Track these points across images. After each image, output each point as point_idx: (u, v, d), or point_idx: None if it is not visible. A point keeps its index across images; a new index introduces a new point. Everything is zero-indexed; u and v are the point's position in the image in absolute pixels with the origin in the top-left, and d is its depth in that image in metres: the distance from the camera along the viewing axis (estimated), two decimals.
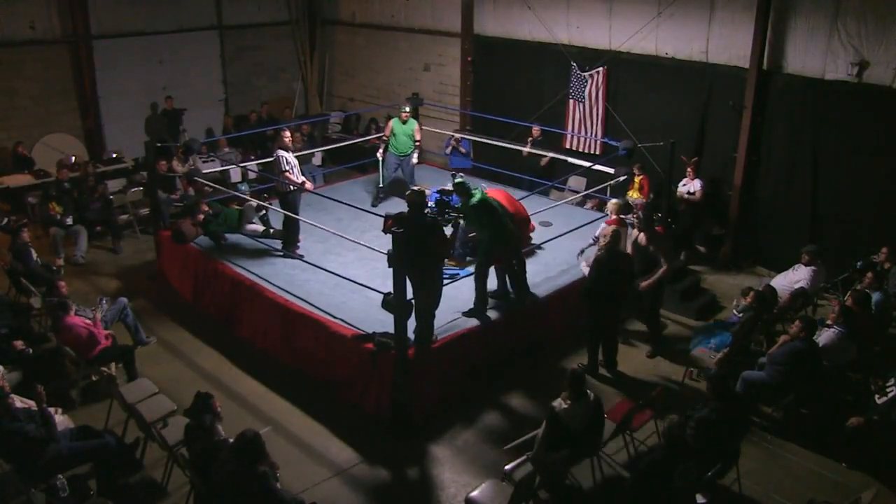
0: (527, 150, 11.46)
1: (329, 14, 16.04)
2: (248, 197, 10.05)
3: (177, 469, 6.01)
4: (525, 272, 8.11)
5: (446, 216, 8.62)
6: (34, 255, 9.16)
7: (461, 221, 8.55)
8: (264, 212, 9.79)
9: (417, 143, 11.01)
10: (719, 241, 10.70)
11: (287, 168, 8.96)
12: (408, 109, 11.05)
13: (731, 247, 10.51)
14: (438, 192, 8.98)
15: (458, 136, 12.79)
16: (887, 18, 8.67)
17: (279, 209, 9.21)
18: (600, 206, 10.90)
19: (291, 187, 9.02)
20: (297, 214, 9.10)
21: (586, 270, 8.02)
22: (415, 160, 11.09)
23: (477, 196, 7.59)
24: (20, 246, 9.05)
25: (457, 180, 7.93)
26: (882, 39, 8.74)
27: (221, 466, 5.14)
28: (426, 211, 7.19)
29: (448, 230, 8.48)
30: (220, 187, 10.78)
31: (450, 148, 12.67)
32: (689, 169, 10.26)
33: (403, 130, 10.84)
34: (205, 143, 12.66)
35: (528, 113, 12.14)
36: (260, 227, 9.61)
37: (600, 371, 7.91)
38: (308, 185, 9.33)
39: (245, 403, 7.42)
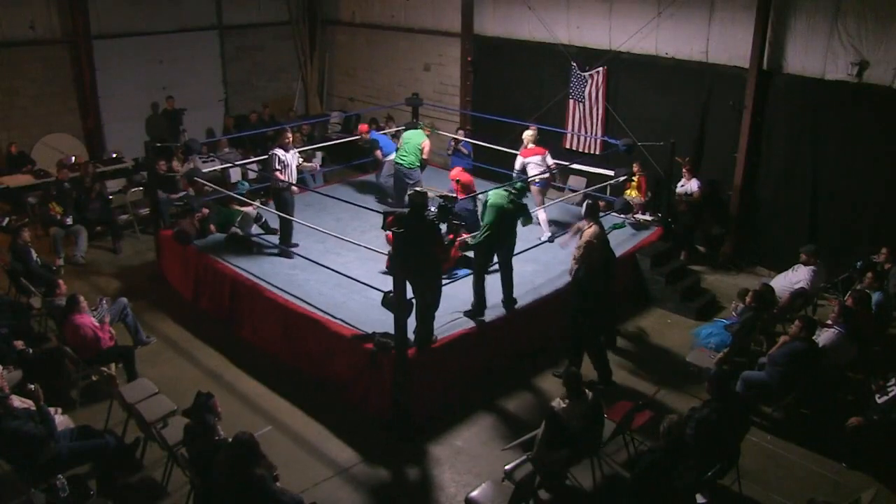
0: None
1: (329, 14, 16.04)
2: (247, 200, 10.04)
3: (177, 469, 6.02)
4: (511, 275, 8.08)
5: (447, 222, 8.60)
6: (34, 255, 9.16)
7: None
8: (263, 219, 9.80)
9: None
10: (719, 241, 10.70)
11: (279, 167, 9.01)
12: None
13: (731, 247, 10.51)
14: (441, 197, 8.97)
15: (459, 136, 12.77)
16: (887, 18, 8.67)
17: (274, 208, 9.21)
18: (607, 207, 10.88)
19: (282, 184, 9.05)
20: (290, 213, 9.12)
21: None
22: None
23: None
24: (20, 246, 9.05)
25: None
26: (882, 39, 8.74)
27: (219, 471, 5.12)
28: (426, 212, 7.19)
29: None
30: (220, 188, 10.77)
31: (451, 149, 12.65)
32: (684, 169, 10.25)
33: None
34: (205, 144, 12.65)
35: (528, 113, 12.12)
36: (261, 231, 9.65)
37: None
38: (294, 189, 9.34)
39: (245, 403, 7.42)
